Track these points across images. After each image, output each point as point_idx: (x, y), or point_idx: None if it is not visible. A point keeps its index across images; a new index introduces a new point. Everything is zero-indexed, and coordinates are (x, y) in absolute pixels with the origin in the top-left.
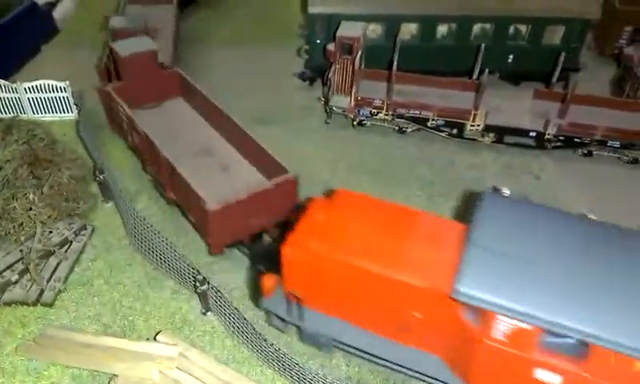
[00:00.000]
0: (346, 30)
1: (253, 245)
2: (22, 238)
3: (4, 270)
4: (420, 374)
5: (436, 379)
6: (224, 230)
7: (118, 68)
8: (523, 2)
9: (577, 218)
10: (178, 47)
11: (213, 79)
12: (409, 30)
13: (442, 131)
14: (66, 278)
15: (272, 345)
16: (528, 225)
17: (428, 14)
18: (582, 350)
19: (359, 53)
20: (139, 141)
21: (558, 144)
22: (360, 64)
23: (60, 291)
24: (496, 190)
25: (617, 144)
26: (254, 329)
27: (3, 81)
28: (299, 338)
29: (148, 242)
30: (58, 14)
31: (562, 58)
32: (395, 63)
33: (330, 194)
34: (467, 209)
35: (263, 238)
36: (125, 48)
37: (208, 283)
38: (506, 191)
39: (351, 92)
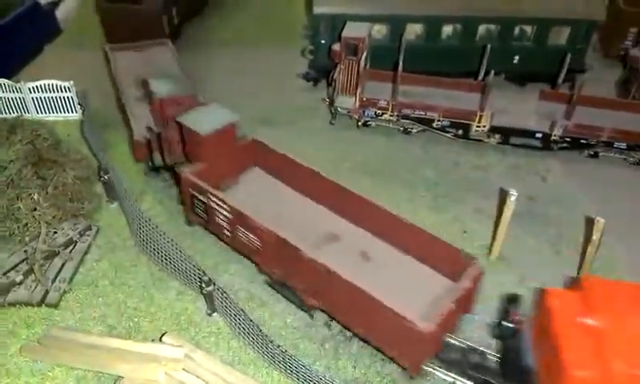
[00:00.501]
0: (352, 30)
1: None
2: (27, 239)
3: (9, 271)
4: None
5: None
6: (428, 347)
7: (193, 147)
8: (529, 3)
9: None
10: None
11: (216, 80)
12: (414, 30)
13: (448, 132)
14: (71, 278)
15: (278, 346)
16: None
17: (433, 15)
18: None
19: (364, 53)
20: (257, 239)
21: (564, 145)
22: (365, 65)
23: (65, 292)
24: None
25: (623, 145)
26: (260, 330)
27: (7, 81)
28: None
29: (153, 242)
30: (60, 13)
31: (567, 59)
32: (400, 64)
33: (572, 284)
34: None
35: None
36: (200, 122)
37: (214, 284)
38: (514, 193)
39: (356, 93)
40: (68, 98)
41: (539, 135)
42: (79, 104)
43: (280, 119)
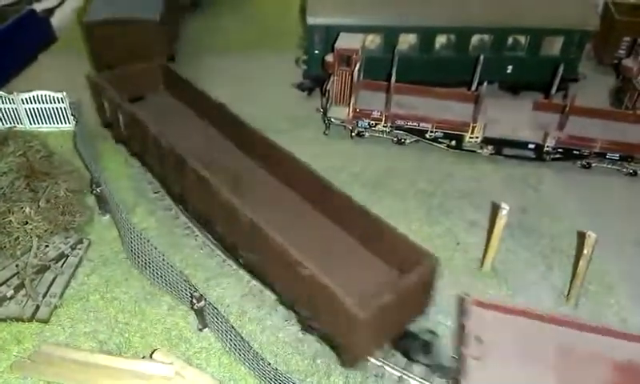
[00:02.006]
0: (345, 41)
1: None
2: (18, 253)
3: None
4: None
5: None
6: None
7: None
8: (522, 13)
9: None
10: None
11: (210, 89)
12: (407, 40)
13: (441, 143)
14: (62, 293)
15: (269, 364)
16: None
17: (427, 26)
18: None
19: (358, 65)
20: None
21: (557, 156)
22: (359, 76)
23: (56, 307)
24: None
25: (616, 156)
26: (251, 347)
27: (0, 92)
28: None
29: (145, 256)
30: (56, 21)
31: (560, 69)
32: (394, 74)
33: None
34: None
35: None
36: None
37: (205, 300)
38: (505, 207)
39: (349, 103)
40: (61, 108)
41: (532, 146)
42: (72, 115)
43: (274, 128)
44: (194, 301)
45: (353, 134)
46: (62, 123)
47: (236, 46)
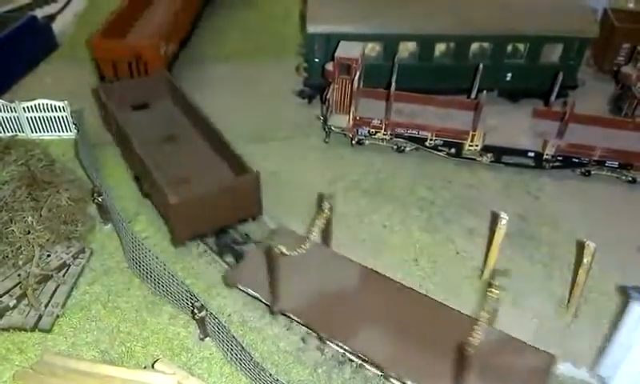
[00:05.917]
0: (345, 50)
1: None
2: (20, 262)
3: (2, 295)
4: None
5: None
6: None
7: None
8: (521, 21)
9: None
10: None
11: (210, 97)
12: (407, 48)
13: (441, 151)
14: (64, 302)
15: (270, 375)
16: None
17: (426, 33)
18: None
19: (358, 73)
20: None
21: (557, 164)
22: (359, 84)
23: (58, 316)
24: None
25: (615, 164)
26: (252, 357)
27: (1, 101)
28: None
29: (146, 265)
30: (57, 27)
31: (560, 77)
32: (394, 82)
33: None
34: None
35: None
36: None
37: (206, 310)
38: (505, 216)
39: (350, 112)
40: (63, 117)
41: (531, 154)
42: (74, 124)
43: (274, 136)
44: (196, 310)
45: (353, 141)
46: (63, 131)
47: (236, 54)
